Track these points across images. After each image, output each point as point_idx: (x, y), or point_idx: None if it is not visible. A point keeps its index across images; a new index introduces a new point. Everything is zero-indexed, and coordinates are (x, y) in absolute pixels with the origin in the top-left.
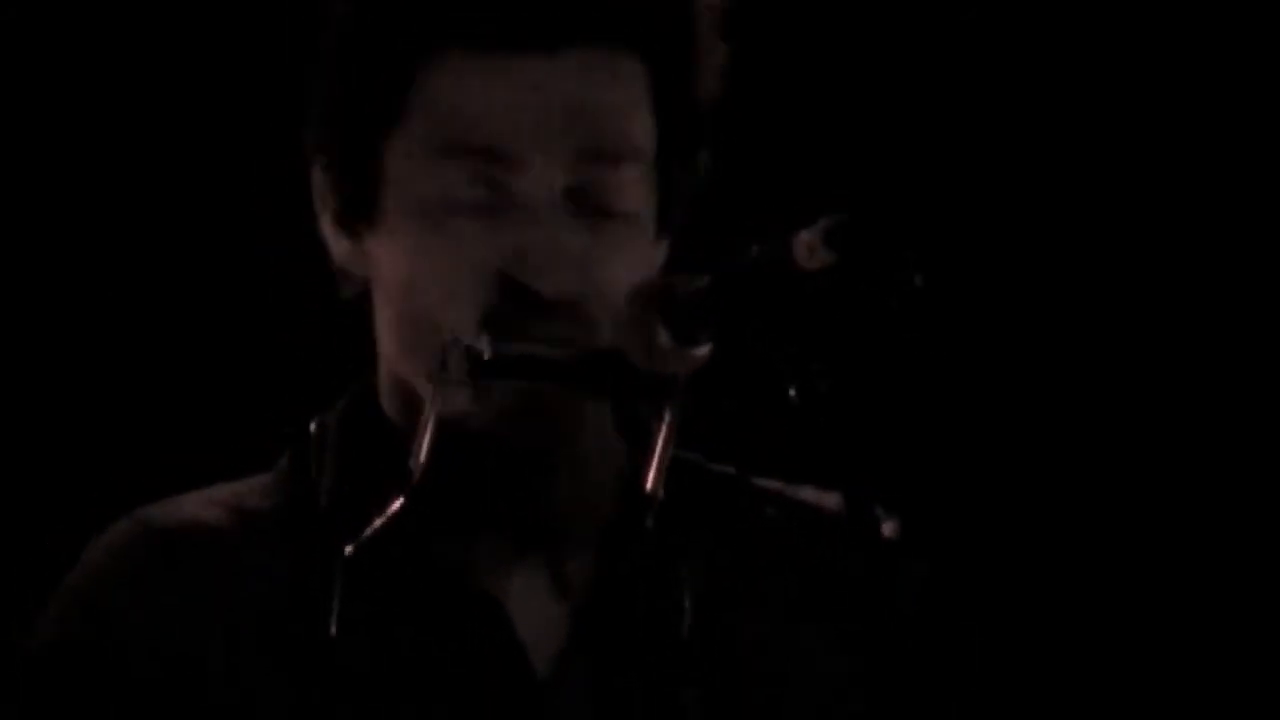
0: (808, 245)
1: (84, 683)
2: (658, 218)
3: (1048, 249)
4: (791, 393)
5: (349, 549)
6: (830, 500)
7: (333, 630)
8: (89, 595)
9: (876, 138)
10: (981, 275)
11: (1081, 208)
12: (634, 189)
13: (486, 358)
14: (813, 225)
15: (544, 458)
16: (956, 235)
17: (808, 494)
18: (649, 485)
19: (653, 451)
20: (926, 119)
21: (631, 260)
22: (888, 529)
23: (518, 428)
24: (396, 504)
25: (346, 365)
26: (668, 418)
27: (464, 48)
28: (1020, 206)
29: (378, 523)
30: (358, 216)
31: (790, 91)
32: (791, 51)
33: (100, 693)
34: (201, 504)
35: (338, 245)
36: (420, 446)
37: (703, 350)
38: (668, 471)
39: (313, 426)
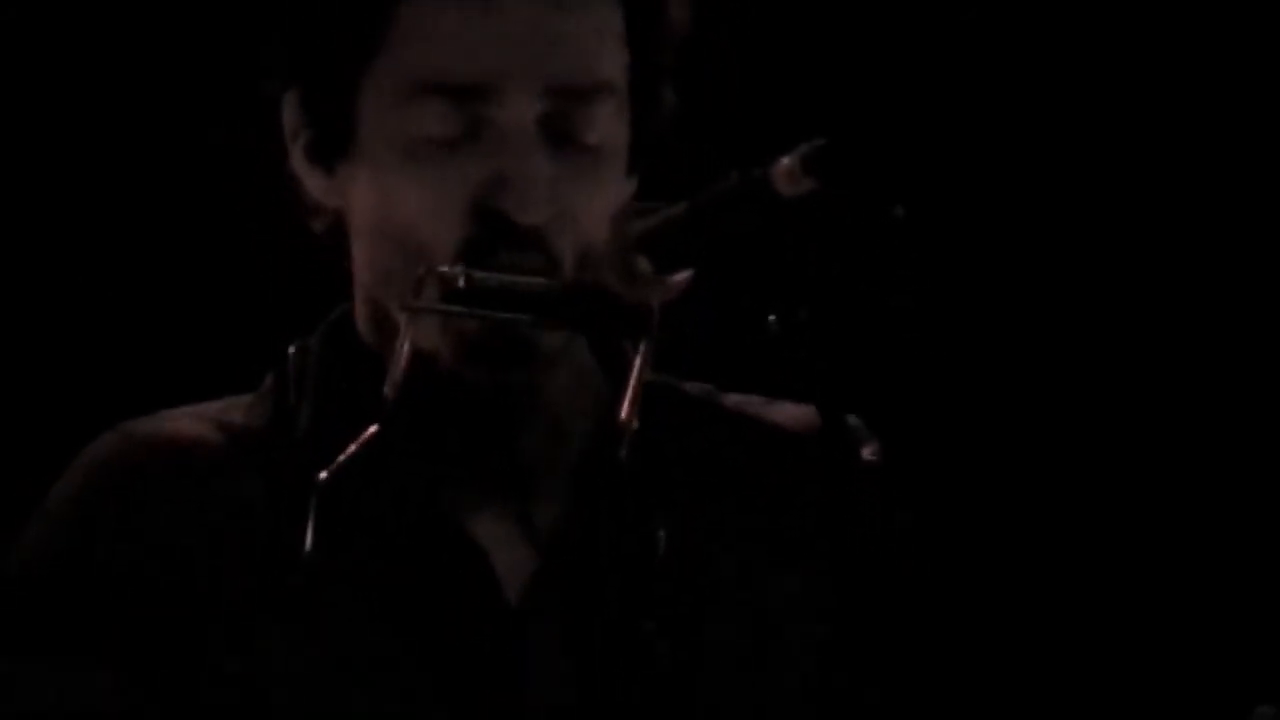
0: (787, 172)
1: (68, 591)
2: (629, 150)
3: (1042, 211)
4: (771, 319)
5: (323, 474)
6: (808, 414)
7: (307, 548)
8: (73, 505)
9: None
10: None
11: (1076, 179)
12: (607, 120)
13: (460, 285)
14: (793, 151)
15: (518, 394)
16: (942, 166)
17: (785, 409)
18: (623, 416)
19: (628, 382)
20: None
21: (603, 191)
22: (867, 451)
23: (479, 365)
24: (369, 431)
25: (329, 291)
26: (643, 349)
27: None
28: (1015, 164)
29: (351, 449)
30: (332, 149)
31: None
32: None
33: (84, 601)
34: (186, 419)
35: (310, 178)
36: (394, 375)
37: (682, 277)
38: (641, 397)
39: (291, 350)
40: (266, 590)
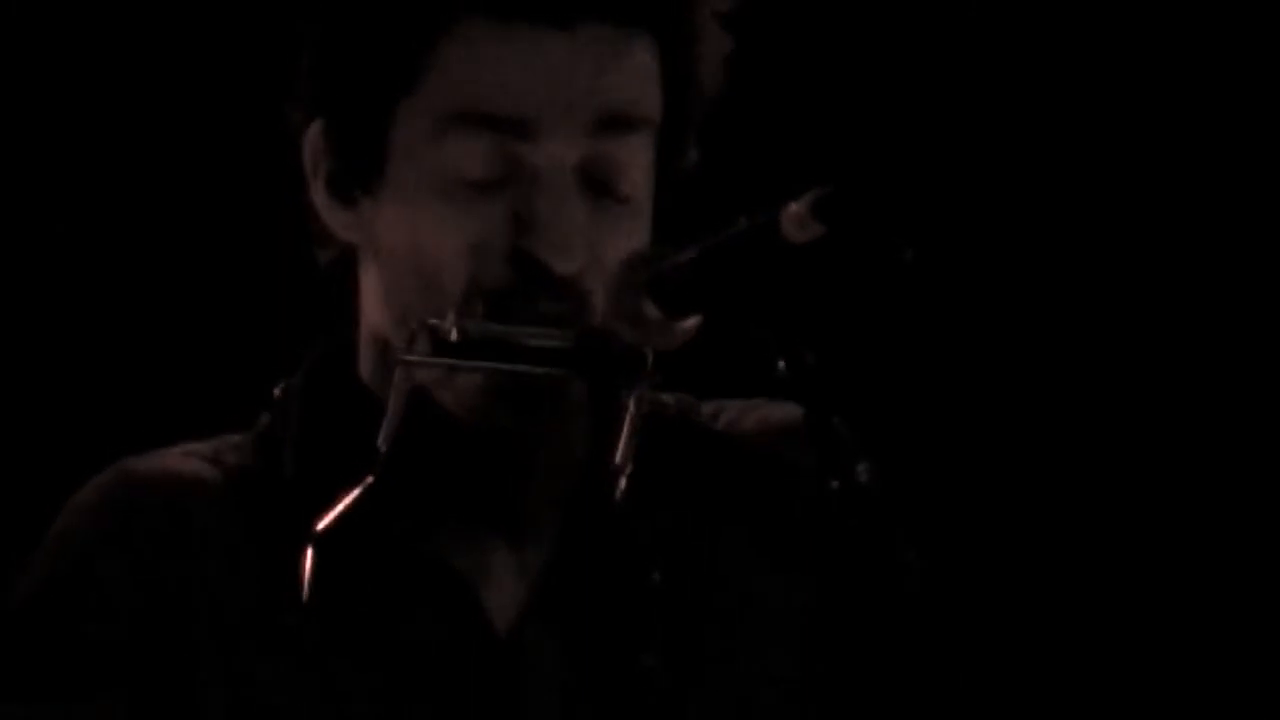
0: (796, 217)
1: (68, 632)
2: (653, 199)
3: (1041, 227)
4: (780, 365)
5: (319, 525)
6: (784, 413)
7: (304, 597)
8: (73, 545)
9: (866, 113)
10: (975, 253)
11: (1075, 188)
12: (639, 166)
13: (452, 339)
14: (801, 197)
15: (521, 440)
16: (949, 210)
17: (763, 412)
18: (619, 461)
19: (623, 426)
20: (917, 98)
21: (632, 240)
22: (861, 471)
23: (500, 411)
24: (365, 483)
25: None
26: (639, 393)
27: (482, 18)
28: (1016, 186)
29: (346, 501)
30: (358, 183)
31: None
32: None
33: (84, 641)
34: (183, 457)
35: (329, 211)
36: (389, 427)
37: (690, 323)
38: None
39: (277, 392)
40: (261, 631)
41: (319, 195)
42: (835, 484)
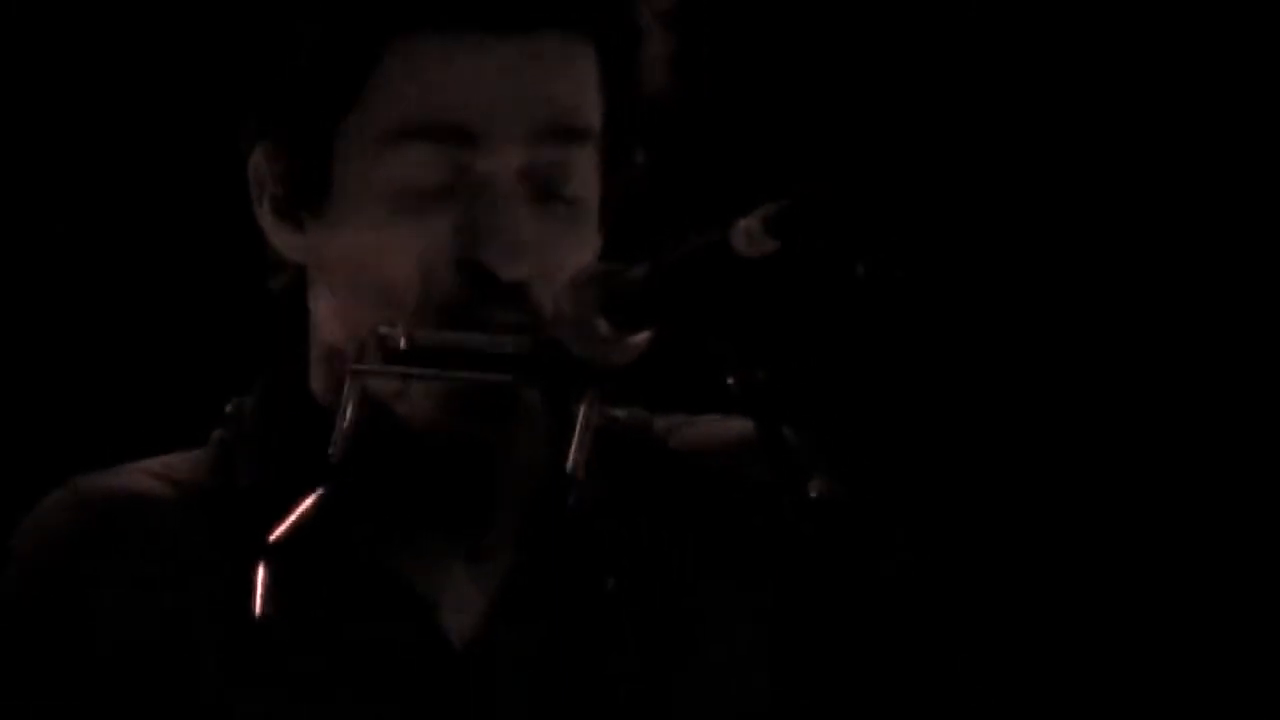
0: (748, 232)
1: (19, 651)
2: (600, 206)
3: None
4: (730, 381)
5: (272, 537)
6: (736, 427)
7: (257, 612)
8: (25, 565)
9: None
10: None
11: (1055, 199)
12: (584, 172)
13: (401, 347)
14: (753, 212)
15: (477, 450)
16: (904, 223)
17: (715, 426)
18: (571, 466)
19: (575, 432)
20: (872, 107)
21: (581, 246)
22: (815, 487)
23: (454, 420)
24: (317, 493)
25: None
26: (590, 400)
27: (421, 29)
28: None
29: (299, 511)
30: (304, 203)
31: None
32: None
33: (35, 660)
34: (135, 475)
35: (278, 233)
36: (339, 437)
37: (642, 338)
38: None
39: (229, 408)
40: (217, 646)
41: (266, 219)
42: (787, 498)
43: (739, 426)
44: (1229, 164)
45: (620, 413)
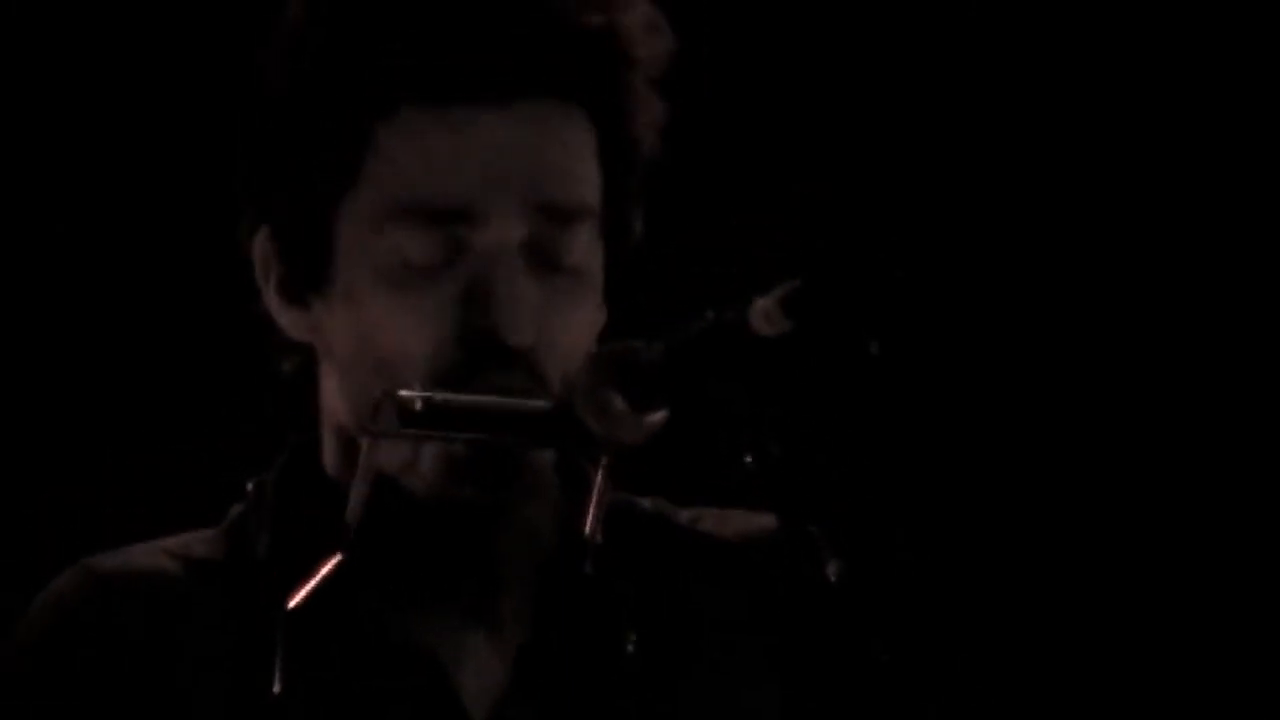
0: (764, 311)
1: None
2: (603, 274)
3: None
4: (747, 459)
5: (289, 605)
6: (761, 522)
7: (276, 688)
8: (37, 644)
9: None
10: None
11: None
12: (585, 243)
13: (417, 409)
14: (770, 291)
15: (491, 514)
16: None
17: (738, 520)
18: (588, 530)
19: (591, 496)
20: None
21: (581, 315)
22: (832, 570)
23: (466, 487)
24: (333, 560)
25: (285, 426)
26: (605, 463)
27: (416, 105)
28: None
29: (315, 578)
30: (307, 283)
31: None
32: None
33: None
34: (148, 554)
35: (284, 314)
36: (356, 502)
37: (658, 417)
38: (603, 516)
39: (249, 486)
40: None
41: (272, 301)
42: (806, 578)
43: (764, 521)
44: (1228, 173)
45: (645, 502)
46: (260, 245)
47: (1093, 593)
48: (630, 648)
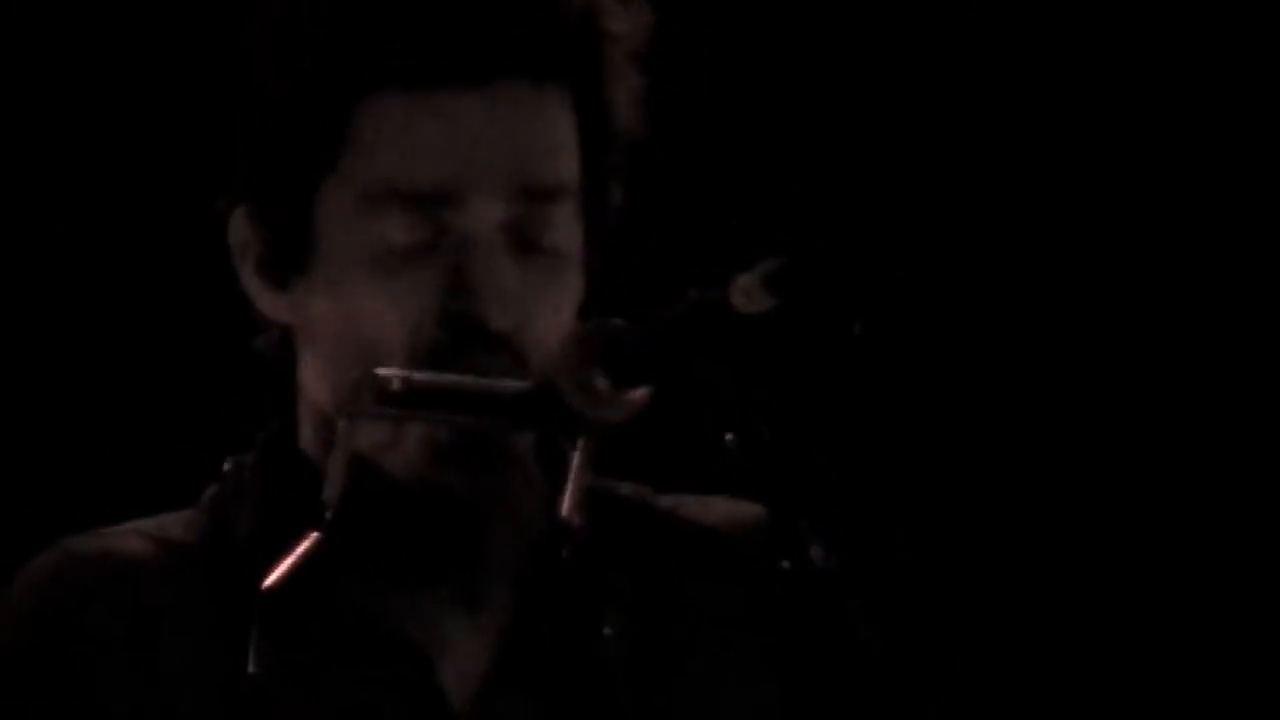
0: (746, 289)
1: (14, 716)
2: (582, 254)
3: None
4: (729, 437)
5: (265, 584)
6: (743, 510)
7: (251, 668)
8: (15, 626)
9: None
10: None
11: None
12: (565, 223)
13: (395, 389)
14: (751, 269)
15: (471, 502)
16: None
17: (719, 506)
18: (565, 513)
19: (568, 480)
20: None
21: (563, 294)
22: (816, 554)
23: (448, 472)
24: (310, 539)
25: (259, 407)
26: (583, 446)
27: (395, 86)
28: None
29: (292, 558)
30: (288, 264)
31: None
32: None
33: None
34: (125, 535)
35: (262, 296)
36: (332, 482)
37: (641, 394)
38: (582, 500)
39: (227, 466)
40: (211, 707)
41: (250, 281)
42: (787, 564)
43: (747, 508)
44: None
45: (625, 487)
46: (237, 226)
47: (1090, 590)
48: (609, 632)
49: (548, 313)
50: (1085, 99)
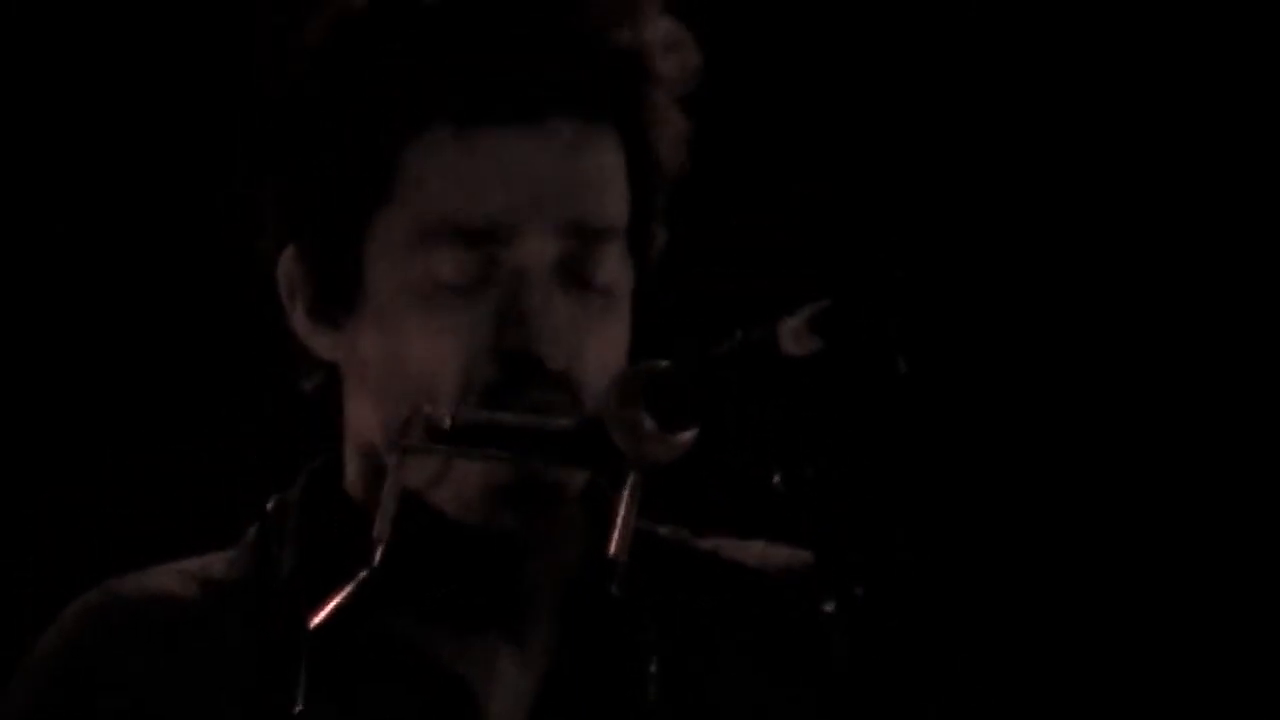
0: (793, 331)
1: None
2: (631, 292)
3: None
4: (776, 479)
5: (313, 622)
6: (781, 554)
7: (298, 706)
8: (58, 665)
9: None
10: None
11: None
12: (615, 262)
13: (445, 426)
14: (798, 311)
15: (519, 540)
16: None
17: (758, 550)
18: (613, 551)
19: (617, 518)
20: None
21: (612, 333)
22: (859, 596)
23: (499, 511)
24: (360, 576)
25: (305, 445)
26: (631, 484)
27: (446, 124)
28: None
29: (341, 595)
30: (338, 303)
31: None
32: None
33: None
34: (168, 576)
35: (313, 335)
36: (384, 517)
37: (687, 436)
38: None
39: (270, 505)
40: None
41: (300, 322)
42: (829, 606)
43: (786, 551)
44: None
45: (664, 528)
46: (286, 265)
47: (1093, 594)
48: (653, 670)
49: (600, 350)
50: (1085, 99)
